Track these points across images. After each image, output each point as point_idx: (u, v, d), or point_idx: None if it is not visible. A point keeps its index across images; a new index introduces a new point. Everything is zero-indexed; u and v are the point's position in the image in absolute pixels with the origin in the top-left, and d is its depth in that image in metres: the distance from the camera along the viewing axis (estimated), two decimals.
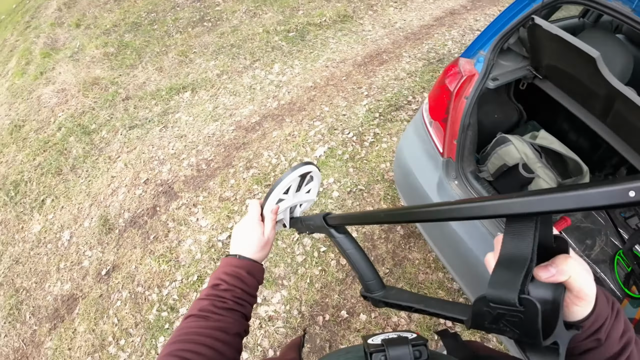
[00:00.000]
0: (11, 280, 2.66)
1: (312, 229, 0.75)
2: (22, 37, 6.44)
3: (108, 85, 4.00)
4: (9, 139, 3.79)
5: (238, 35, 4.41)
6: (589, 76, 1.27)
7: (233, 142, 3.05)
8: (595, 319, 0.38)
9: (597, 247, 1.77)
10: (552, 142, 1.50)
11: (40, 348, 2.29)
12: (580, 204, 0.26)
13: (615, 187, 0.24)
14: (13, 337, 2.38)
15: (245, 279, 0.66)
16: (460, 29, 4.24)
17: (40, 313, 2.43)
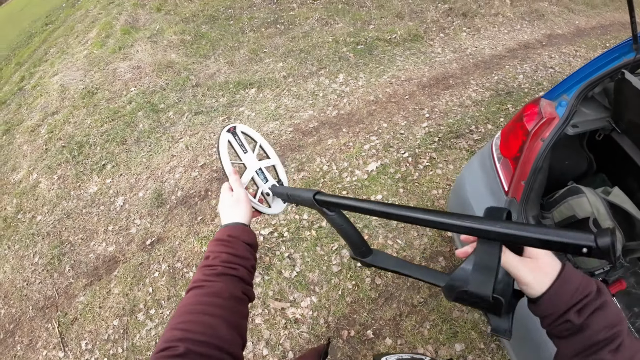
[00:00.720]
0: (58, 232, 2.86)
1: (299, 202, 0.75)
2: (105, 11, 6.99)
3: (181, 70, 4.26)
4: (81, 103, 4.10)
5: (308, 41, 4.54)
6: None
7: (289, 143, 3.13)
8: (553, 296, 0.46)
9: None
10: (624, 201, 1.41)
11: (72, 300, 2.43)
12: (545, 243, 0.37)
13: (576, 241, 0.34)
14: (48, 285, 2.55)
15: (229, 242, 0.67)
16: (533, 63, 4.09)
17: (79, 268, 2.59)
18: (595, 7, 6.17)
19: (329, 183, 2.71)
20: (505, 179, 1.58)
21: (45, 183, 3.30)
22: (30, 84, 5.33)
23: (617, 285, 1.55)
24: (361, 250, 0.67)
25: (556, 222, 1.51)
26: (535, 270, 0.47)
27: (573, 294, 0.46)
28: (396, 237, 2.36)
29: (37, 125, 4.11)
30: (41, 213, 3.07)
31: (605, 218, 1.37)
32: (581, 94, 1.45)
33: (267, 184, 0.86)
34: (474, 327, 1.98)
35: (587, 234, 0.35)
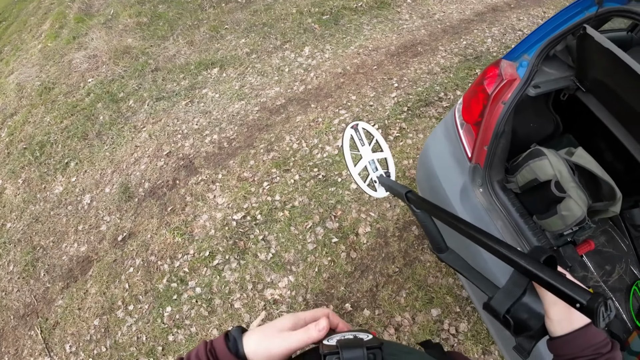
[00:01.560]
0: (29, 238, 2.77)
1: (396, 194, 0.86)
2: (57, 1, 6.54)
3: (139, 55, 4.03)
4: (38, 100, 3.89)
5: (271, 14, 4.34)
6: (636, 96, 1.19)
7: (256, 123, 3.04)
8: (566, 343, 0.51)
9: (615, 274, 1.69)
10: (589, 162, 1.40)
11: (51, 305, 2.39)
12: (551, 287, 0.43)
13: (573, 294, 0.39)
14: (25, 292, 2.49)
15: None
16: (501, 27, 4.04)
17: (54, 271, 2.53)
18: None
19: (299, 161, 2.66)
20: (469, 145, 1.56)
21: (10, 189, 3.16)
22: None
23: (585, 246, 1.59)
24: (439, 246, 0.73)
25: (520, 186, 1.51)
26: (565, 314, 0.50)
27: (585, 348, 0.50)
28: (369, 210, 2.36)
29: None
30: (10, 220, 2.95)
31: (568, 180, 1.37)
32: (542, 52, 1.41)
33: (377, 172, 1.01)
34: (449, 291, 2.03)
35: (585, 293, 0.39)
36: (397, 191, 0.83)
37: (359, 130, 1.04)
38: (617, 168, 1.71)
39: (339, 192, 2.46)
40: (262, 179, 2.62)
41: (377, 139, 1.06)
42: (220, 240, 2.37)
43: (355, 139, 1.03)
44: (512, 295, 0.50)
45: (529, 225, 1.46)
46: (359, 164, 1.02)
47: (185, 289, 2.23)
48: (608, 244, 1.78)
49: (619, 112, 1.41)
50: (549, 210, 1.42)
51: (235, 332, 0.49)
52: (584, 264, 1.72)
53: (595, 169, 1.38)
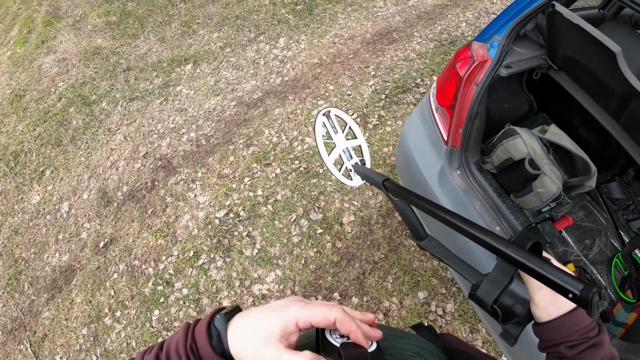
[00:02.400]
0: (10, 251, 2.69)
1: (372, 183, 0.84)
2: (25, 5, 6.27)
3: (109, 55, 3.90)
4: (10, 109, 3.75)
5: (243, 6, 4.25)
6: (607, 72, 1.20)
7: (234, 118, 2.99)
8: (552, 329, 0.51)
9: (596, 247, 1.73)
10: (562, 138, 1.42)
11: (37, 318, 2.34)
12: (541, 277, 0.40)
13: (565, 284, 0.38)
14: (11, 307, 2.43)
15: None
16: (475, 10, 4.05)
17: (38, 283, 2.47)
18: None
19: (280, 155, 2.63)
20: (444, 128, 1.57)
21: None
22: None
23: (563, 222, 1.62)
24: (419, 234, 0.72)
25: (496, 166, 1.53)
26: (551, 299, 0.50)
27: (572, 333, 0.50)
28: (352, 200, 2.36)
29: None
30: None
31: (541, 157, 1.39)
32: (512, 32, 1.41)
33: (351, 160, 0.98)
34: (434, 274, 2.06)
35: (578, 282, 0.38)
36: (374, 179, 0.81)
37: (331, 118, 1.00)
38: (592, 144, 1.75)
39: (321, 184, 2.45)
40: (242, 174, 2.59)
41: (350, 125, 1.02)
42: (204, 239, 2.34)
43: (328, 127, 0.99)
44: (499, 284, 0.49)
45: (506, 205, 1.48)
46: (332, 153, 0.98)
47: (172, 290, 2.20)
48: (587, 218, 1.83)
49: (591, 88, 1.42)
50: (525, 188, 1.44)
51: (220, 323, 0.42)
52: (564, 239, 1.77)
53: (569, 144, 1.40)
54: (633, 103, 1.17)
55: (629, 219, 1.72)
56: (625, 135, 1.29)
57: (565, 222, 1.58)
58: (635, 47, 1.36)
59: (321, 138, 0.97)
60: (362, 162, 1.01)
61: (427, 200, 0.61)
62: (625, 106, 1.22)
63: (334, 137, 0.99)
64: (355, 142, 1.03)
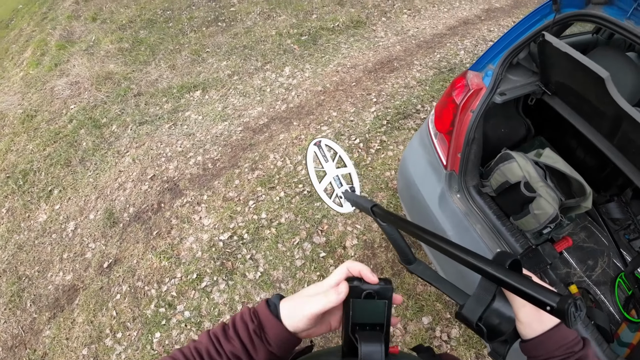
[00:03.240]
0: (14, 268, 2.70)
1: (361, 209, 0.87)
2: (39, 28, 6.55)
3: (121, 81, 4.06)
4: (21, 128, 3.86)
5: (251, 36, 4.45)
6: (598, 96, 1.26)
7: (240, 143, 3.08)
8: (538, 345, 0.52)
9: (598, 268, 1.74)
10: (556, 161, 1.48)
11: (38, 336, 2.32)
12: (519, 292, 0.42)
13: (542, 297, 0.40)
14: (12, 324, 2.42)
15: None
16: (473, 39, 4.22)
17: (40, 301, 2.47)
18: None
19: (284, 179, 2.69)
20: (443, 153, 1.62)
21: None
22: None
23: (563, 243, 1.64)
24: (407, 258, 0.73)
25: (494, 189, 1.57)
26: (534, 316, 0.51)
27: (557, 348, 0.52)
28: (355, 223, 2.39)
29: None
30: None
31: (536, 180, 1.43)
32: (505, 61, 1.49)
33: (341, 188, 1.02)
34: (438, 298, 2.05)
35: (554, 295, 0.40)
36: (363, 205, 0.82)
37: (322, 147, 1.05)
38: (590, 165, 1.79)
39: (324, 207, 2.48)
40: (247, 198, 2.63)
41: (340, 154, 1.07)
42: (208, 261, 2.35)
43: (319, 156, 1.04)
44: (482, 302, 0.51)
45: (506, 227, 1.51)
46: (323, 180, 1.03)
47: (174, 313, 2.19)
48: (589, 239, 1.84)
49: (584, 112, 1.48)
50: (523, 210, 1.48)
51: (275, 298, 0.55)
52: (566, 261, 1.78)
53: (563, 167, 1.45)
54: (624, 124, 1.22)
55: (630, 238, 1.74)
56: (620, 156, 1.34)
57: (565, 243, 1.60)
58: (625, 70, 1.41)
59: (312, 167, 1.02)
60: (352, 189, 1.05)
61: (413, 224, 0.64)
62: (617, 128, 1.27)
63: (324, 165, 1.04)
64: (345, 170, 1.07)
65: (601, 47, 1.81)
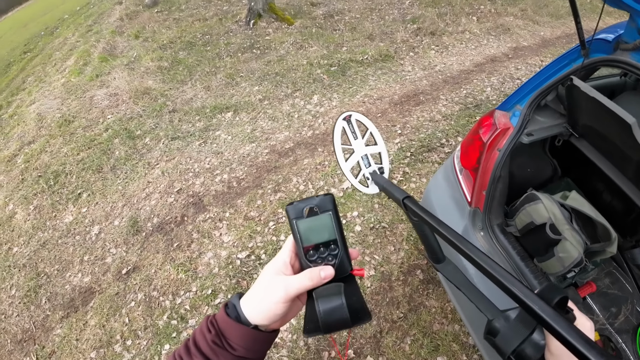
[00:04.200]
0: (35, 264, 2.79)
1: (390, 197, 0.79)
2: (83, 39, 7.02)
3: (158, 97, 4.29)
4: (57, 131, 4.07)
5: (283, 64, 4.66)
6: (624, 140, 1.25)
7: (265, 165, 3.16)
8: None
9: (621, 315, 1.66)
10: (582, 205, 1.46)
11: (49, 333, 2.35)
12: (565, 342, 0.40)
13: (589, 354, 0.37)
14: (25, 318, 2.47)
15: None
16: (500, 76, 4.27)
17: (56, 300, 2.52)
18: (560, 17, 6.45)
19: None
20: (468, 189, 1.63)
21: (21, 214, 3.24)
22: (7, 113, 5.27)
23: (586, 288, 1.59)
24: (436, 256, 0.70)
25: (519, 229, 1.56)
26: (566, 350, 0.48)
27: None
28: (373, 253, 2.37)
29: (13, 154, 4.05)
30: (17, 244, 3.00)
31: (562, 222, 1.42)
32: (533, 103, 1.51)
33: (369, 168, 0.93)
34: (455, 339, 1.98)
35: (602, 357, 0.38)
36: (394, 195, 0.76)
37: (351, 122, 0.97)
38: (616, 209, 1.75)
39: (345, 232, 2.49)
40: (268, 218, 2.67)
41: (371, 131, 0.98)
42: (224, 278, 2.37)
43: (348, 132, 0.95)
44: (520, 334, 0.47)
45: (530, 268, 1.48)
46: (350, 159, 0.94)
47: (185, 327, 2.20)
48: (613, 285, 1.77)
49: (611, 155, 1.47)
50: (547, 253, 1.45)
51: (234, 299, 0.50)
52: (589, 307, 1.71)
53: (589, 210, 1.43)
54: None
55: None
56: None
57: (589, 288, 1.55)
58: None
59: (339, 143, 0.94)
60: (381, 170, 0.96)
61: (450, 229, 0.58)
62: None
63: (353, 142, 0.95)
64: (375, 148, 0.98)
65: (628, 91, 1.81)
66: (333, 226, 0.50)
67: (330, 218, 0.49)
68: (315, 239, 0.49)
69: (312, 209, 0.49)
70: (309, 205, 0.49)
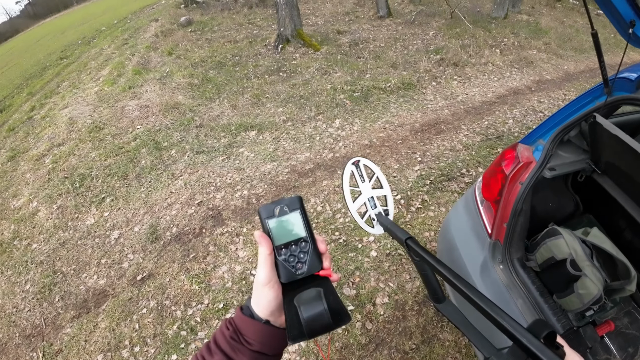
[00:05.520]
0: (52, 262, 2.85)
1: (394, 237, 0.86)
2: (119, 52, 7.41)
3: (186, 111, 4.46)
4: (87, 136, 4.26)
5: (308, 88, 4.80)
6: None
7: (285, 184, 3.22)
8: None
9: (638, 356, 1.59)
10: (603, 242, 1.43)
11: (58, 331, 2.38)
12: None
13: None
14: (36, 314, 2.50)
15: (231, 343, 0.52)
16: (522, 108, 4.26)
17: (69, 299, 2.56)
18: (584, 52, 6.45)
19: (322, 224, 2.74)
20: (489, 221, 1.62)
21: (44, 212, 3.35)
22: (39, 114, 5.54)
23: (605, 327, 1.54)
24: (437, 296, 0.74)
25: (539, 264, 1.53)
26: None
27: None
28: (388, 280, 2.35)
29: (42, 154, 4.23)
30: (37, 241, 3.08)
31: (582, 259, 1.39)
32: (556, 138, 1.52)
33: (375, 210, 1.00)
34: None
35: None
36: (397, 236, 0.82)
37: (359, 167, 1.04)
38: (637, 247, 1.71)
39: (358, 259, 2.47)
40: None
41: (377, 175, 1.05)
42: (236, 293, 2.37)
43: (356, 175, 1.03)
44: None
45: (549, 305, 1.45)
46: (357, 200, 1.01)
47: (194, 339, 2.20)
48: (631, 325, 1.71)
49: (633, 193, 1.46)
50: (567, 289, 1.42)
51: (247, 301, 0.55)
52: (606, 346, 1.65)
53: (610, 248, 1.41)
54: None
55: None
56: None
57: (607, 327, 1.50)
58: None
59: (348, 185, 1.00)
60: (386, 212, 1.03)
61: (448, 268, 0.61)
62: None
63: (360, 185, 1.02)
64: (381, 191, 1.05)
65: None
66: (302, 224, 0.52)
67: (299, 216, 0.52)
68: (286, 237, 0.52)
69: (282, 208, 0.52)
70: (279, 205, 0.52)
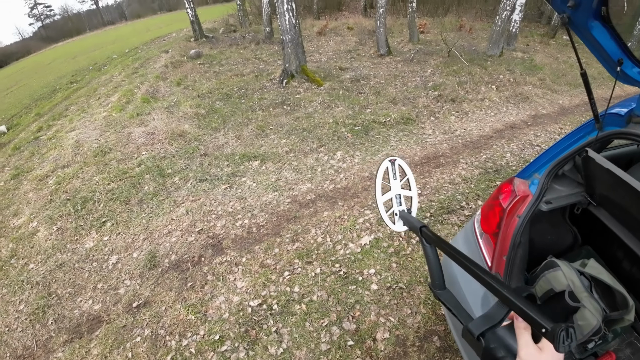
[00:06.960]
0: (48, 283, 2.82)
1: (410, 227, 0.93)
2: (129, 79, 7.67)
3: (191, 140, 4.57)
4: (92, 160, 4.33)
5: (310, 121, 4.95)
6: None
7: (286, 214, 3.24)
8: None
9: None
10: (600, 272, 1.44)
11: (49, 355, 2.31)
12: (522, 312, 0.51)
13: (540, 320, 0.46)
14: (28, 335, 2.45)
15: None
16: (519, 142, 4.36)
17: (62, 322, 2.51)
18: (578, 86, 6.66)
19: (322, 255, 2.73)
20: (488, 253, 1.64)
21: (43, 232, 3.34)
22: (46, 136, 5.65)
23: (606, 359, 1.51)
24: (438, 283, 0.80)
25: (539, 297, 1.53)
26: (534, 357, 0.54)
27: None
28: (389, 315, 2.30)
29: (46, 175, 4.28)
30: (34, 261, 3.06)
31: (580, 290, 1.40)
32: (551, 172, 1.57)
33: (400, 207, 1.08)
34: None
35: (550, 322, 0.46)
36: (413, 224, 0.89)
37: (395, 165, 1.12)
38: (635, 277, 1.71)
39: (358, 292, 2.43)
40: (283, 268, 2.67)
41: (408, 177, 1.13)
42: (233, 325, 2.31)
43: (389, 172, 1.11)
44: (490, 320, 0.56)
45: None
46: (386, 195, 1.09)
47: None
48: (633, 356, 1.67)
49: (629, 224, 1.48)
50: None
51: None
52: None
53: (607, 278, 1.41)
54: None
55: None
56: None
57: (609, 358, 1.47)
58: None
59: (381, 179, 1.08)
60: (409, 211, 1.10)
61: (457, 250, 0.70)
62: None
63: (392, 182, 1.10)
64: (408, 192, 1.13)
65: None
66: None
67: None
68: None
69: None
70: None
